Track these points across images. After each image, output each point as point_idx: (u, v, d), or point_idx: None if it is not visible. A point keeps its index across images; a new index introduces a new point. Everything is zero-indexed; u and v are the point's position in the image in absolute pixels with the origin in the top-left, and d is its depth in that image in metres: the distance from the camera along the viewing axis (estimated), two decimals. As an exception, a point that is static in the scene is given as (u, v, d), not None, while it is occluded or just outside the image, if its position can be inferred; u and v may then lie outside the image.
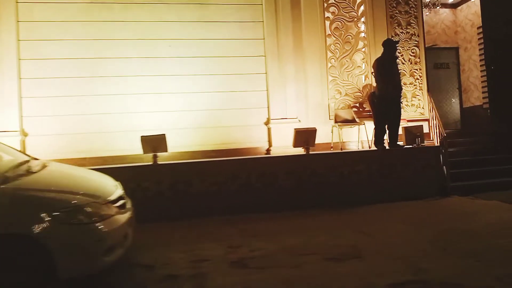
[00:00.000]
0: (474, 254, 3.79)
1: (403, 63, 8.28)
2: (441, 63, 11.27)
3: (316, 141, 7.54)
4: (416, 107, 8.20)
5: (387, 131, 6.70)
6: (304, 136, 6.38)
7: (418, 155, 6.57)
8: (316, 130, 6.49)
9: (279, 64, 7.66)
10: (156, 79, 7.30)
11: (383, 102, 6.62)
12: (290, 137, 7.41)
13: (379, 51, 7.90)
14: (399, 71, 7.03)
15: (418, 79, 8.31)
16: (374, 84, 7.82)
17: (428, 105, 8.30)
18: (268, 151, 7.47)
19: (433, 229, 4.65)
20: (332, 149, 7.47)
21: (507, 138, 8.23)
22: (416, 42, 8.35)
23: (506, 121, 8.62)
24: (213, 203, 5.76)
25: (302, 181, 6.12)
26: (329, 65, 7.91)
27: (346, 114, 7.63)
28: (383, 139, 6.70)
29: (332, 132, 7.50)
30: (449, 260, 3.70)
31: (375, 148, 6.75)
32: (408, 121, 7.89)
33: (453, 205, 5.94)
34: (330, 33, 7.96)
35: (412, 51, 8.33)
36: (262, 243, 4.44)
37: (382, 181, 6.36)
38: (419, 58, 8.34)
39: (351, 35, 8.05)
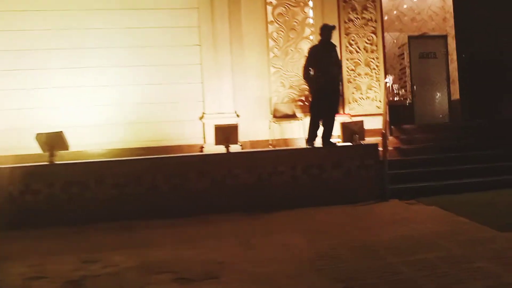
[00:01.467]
0: (350, 278, 3.12)
1: (358, 52, 7.52)
2: (427, 53, 10.33)
3: (256, 138, 6.98)
4: (372, 100, 7.45)
5: (322, 128, 6.00)
6: (225, 133, 5.76)
7: (353, 154, 5.84)
8: (237, 126, 5.86)
9: (215, 54, 7.05)
10: (79, 72, 6.81)
11: (315, 95, 5.92)
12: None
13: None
14: (340, 60, 6.24)
15: (374, 69, 7.54)
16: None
17: (385, 97, 7.52)
18: (201, 149, 6.90)
19: (329, 242, 3.98)
20: (270, 146, 6.83)
21: (478, 133, 7.39)
22: (373, 28, 7.57)
23: (479, 115, 7.77)
24: (112, 208, 5.23)
25: (216, 182, 5.51)
26: (272, 54, 7.23)
27: (287, 109, 6.96)
28: (316, 136, 5.99)
29: (270, 128, 6.85)
30: (315, 284, 3.06)
31: (306, 146, 6.06)
32: (363, 116, 7.14)
33: (382, 212, 5.22)
34: (272, 19, 7.27)
35: (368, 38, 7.55)
36: (124, 257, 3.88)
37: (310, 183, 5.68)
38: (376, 46, 7.57)
39: (297, 21, 7.34)
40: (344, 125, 6.08)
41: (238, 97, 7.14)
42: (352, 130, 5.99)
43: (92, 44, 6.76)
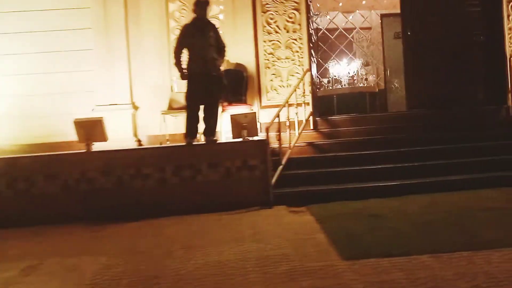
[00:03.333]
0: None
1: (277, 32, 6.51)
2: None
3: (155, 133, 6.17)
4: (295, 88, 6.44)
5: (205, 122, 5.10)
6: (87, 129, 4.97)
7: (235, 152, 4.94)
8: (101, 120, 5.03)
9: (107, 38, 6.24)
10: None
11: (188, 83, 5.02)
12: (124, 128, 6.14)
13: (239, 17, 6.28)
14: (222, 41, 5.21)
15: (297, 51, 6.52)
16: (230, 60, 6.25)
17: (310, 85, 6.52)
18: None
19: (122, 269, 3.13)
20: (168, 142, 5.98)
21: (416, 125, 6.31)
22: (295, 5, 6.53)
23: (426, 103, 6.66)
24: None
25: (68, 187, 4.75)
26: (173, 37, 6.31)
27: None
28: (195, 131, 5.10)
29: (164, 121, 5.99)
30: None
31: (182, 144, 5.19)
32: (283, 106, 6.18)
33: (251, 223, 4.27)
34: (174, -4, 6.37)
35: (290, 16, 6.52)
36: None
37: (181, 187, 4.83)
38: (298, 24, 6.52)
39: (203, -2, 6.40)
40: (233, 118, 5.16)
41: (136, 86, 6.32)
42: (241, 124, 5.08)
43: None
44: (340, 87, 10.26)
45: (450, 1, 6.86)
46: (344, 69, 10.81)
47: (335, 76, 10.58)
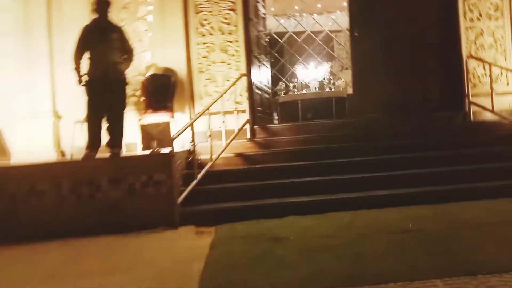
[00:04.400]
0: None
1: (212, 34, 6.06)
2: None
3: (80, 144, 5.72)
4: (230, 95, 5.97)
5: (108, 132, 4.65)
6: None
7: (140, 166, 4.47)
8: (-3, 132, 4.62)
9: (28, 42, 5.87)
10: None
11: (88, 89, 4.57)
12: (44, 138, 5.75)
13: (169, 19, 5.86)
14: (129, 44, 4.76)
15: (233, 55, 6.06)
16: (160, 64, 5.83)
17: (248, 91, 6.04)
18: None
19: None
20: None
21: (358, 134, 5.79)
22: (231, 5, 6.07)
23: (371, 108, 6.17)
24: None
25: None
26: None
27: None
28: (96, 143, 4.63)
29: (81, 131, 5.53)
30: None
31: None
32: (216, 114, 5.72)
33: (140, 248, 3.79)
34: (97, -3, 5.94)
35: (225, 16, 6.07)
36: None
37: (80, 205, 4.36)
38: (235, 25, 6.07)
39: (130, -2, 5.98)
40: (143, 129, 4.73)
41: (60, 94, 5.90)
42: (151, 135, 4.62)
43: None
44: (306, 92, 9.76)
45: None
46: (313, 73, 10.32)
47: (303, 81, 10.10)
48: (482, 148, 5.27)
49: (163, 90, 5.68)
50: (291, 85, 10.02)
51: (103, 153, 4.73)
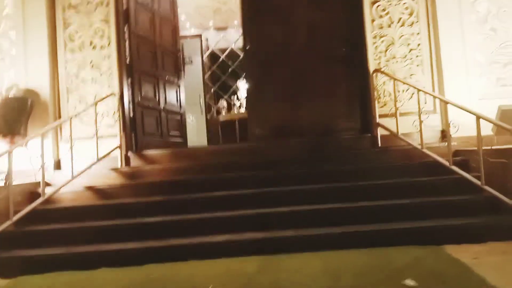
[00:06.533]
0: None
1: (81, 50, 5.40)
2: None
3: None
4: (104, 116, 5.26)
5: None
6: None
7: None
8: None
9: None
10: None
11: None
12: None
13: (30, 34, 5.27)
14: None
15: (105, 73, 5.38)
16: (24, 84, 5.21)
17: (119, 112, 5.31)
18: None
19: None
20: None
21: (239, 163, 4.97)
22: (103, 16, 5.41)
23: (262, 132, 5.35)
24: None
25: None
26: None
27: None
28: None
29: None
30: None
31: None
32: (84, 139, 5.03)
33: None
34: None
35: (97, 30, 5.40)
36: None
37: None
38: (108, 39, 5.39)
39: (-10, 11, 5.40)
40: None
41: None
42: None
43: None
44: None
45: (300, 5, 5.54)
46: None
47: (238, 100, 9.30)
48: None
49: (18, 114, 5.03)
50: (233, 102, 9.26)
51: None
